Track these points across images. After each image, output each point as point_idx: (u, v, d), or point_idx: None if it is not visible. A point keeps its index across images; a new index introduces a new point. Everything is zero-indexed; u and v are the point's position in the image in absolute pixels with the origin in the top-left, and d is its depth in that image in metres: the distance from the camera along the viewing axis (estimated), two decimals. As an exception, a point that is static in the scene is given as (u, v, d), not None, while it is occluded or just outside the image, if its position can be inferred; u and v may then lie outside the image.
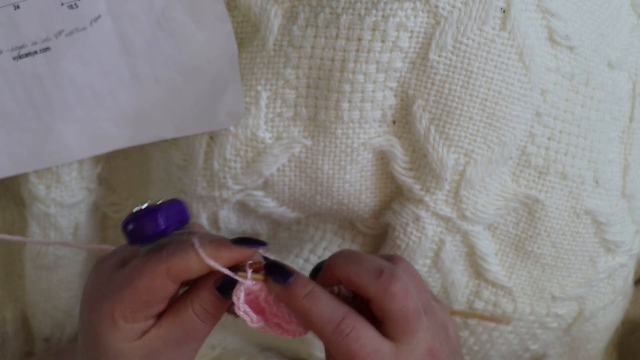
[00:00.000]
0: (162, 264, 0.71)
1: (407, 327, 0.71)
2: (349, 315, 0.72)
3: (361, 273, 0.72)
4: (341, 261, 0.73)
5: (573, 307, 0.93)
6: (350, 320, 0.71)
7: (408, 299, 0.71)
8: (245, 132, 0.86)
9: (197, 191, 0.89)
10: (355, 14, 0.81)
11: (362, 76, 0.82)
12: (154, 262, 0.71)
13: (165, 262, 0.71)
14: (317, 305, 0.72)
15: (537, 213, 0.88)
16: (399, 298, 0.71)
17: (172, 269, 0.71)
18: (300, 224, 0.93)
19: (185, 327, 0.73)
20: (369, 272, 0.72)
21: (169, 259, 0.71)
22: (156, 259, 0.71)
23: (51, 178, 0.91)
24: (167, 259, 0.71)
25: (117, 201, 0.96)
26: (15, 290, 1.00)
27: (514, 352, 0.95)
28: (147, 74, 0.87)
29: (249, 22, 0.85)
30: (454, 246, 0.89)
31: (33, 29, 0.85)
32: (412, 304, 0.71)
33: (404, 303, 0.71)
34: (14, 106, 0.88)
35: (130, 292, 0.71)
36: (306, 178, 0.87)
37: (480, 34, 0.82)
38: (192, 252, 0.71)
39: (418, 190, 0.87)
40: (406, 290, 0.71)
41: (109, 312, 0.71)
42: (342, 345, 0.71)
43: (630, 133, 0.91)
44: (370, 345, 0.71)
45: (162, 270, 0.71)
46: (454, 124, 0.84)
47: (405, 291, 0.71)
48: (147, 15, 0.85)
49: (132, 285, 0.71)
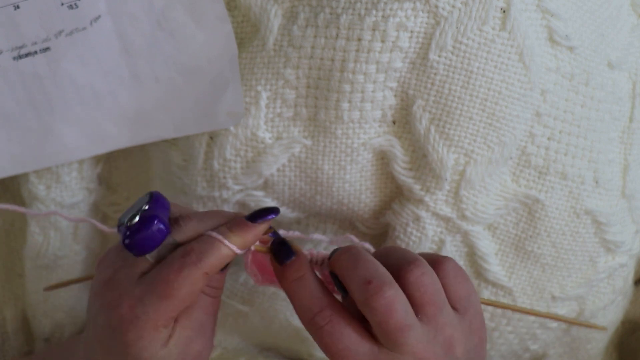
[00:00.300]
0: (199, 270, 0.73)
1: (389, 340, 0.72)
2: (329, 308, 0.74)
3: (351, 277, 0.74)
4: (341, 260, 0.75)
5: (573, 307, 0.93)
6: (328, 314, 0.73)
7: (390, 314, 0.72)
8: (245, 132, 0.86)
9: (197, 191, 0.89)
10: (355, 14, 0.81)
11: (362, 76, 0.82)
12: (191, 269, 0.73)
13: (200, 267, 0.73)
14: (301, 292, 0.74)
15: (537, 213, 0.88)
16: (380, 312, 0.72)
17: (209, 271, 0.74)
18: (300, 224, 0.93)
19: (202, 308, 0.76)
20: (358, 280, 0.73)
21: (202, 263, 0.73)
22: (190, 267, 0.73)
23: (51, 178, 0.91)
24: (201, 263, 0.73)
25: (117, 201, 0.96)
26: (16, 290, 1.00)
27: (514, 352, 0.95)
28: (147, 74, 0.87)
29: (249, 22, 0.85)
30: (454, 246, 0.89)
31: (33, 29, 0.85)
32: (395, 320, 0.72)
33: (384, 318, 0.72)
34: (14, 106, 0.88)
35: (174, 302, 0.73)
36: (306, 178, 0.87)
37: (480, 34, 0.82)
38: (221, 248, 0.74)
39: (418, 190, 0.87)
40: (389, 306, 0.72)
41: (152, 325, 0.73)
42: (316, 336, 0.74)
43: (630, 133, 0.91)
44: (345, 342, 0.72)
45: (200, 275, 0.73)
46: (454, 124, 0.84)
47: (387, 307, 0.72)
48: (147, 15, 0.85)
49: (175, 296, 0.73)
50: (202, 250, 0.73)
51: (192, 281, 0.73)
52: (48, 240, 0.94)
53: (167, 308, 0.73)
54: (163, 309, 0.73)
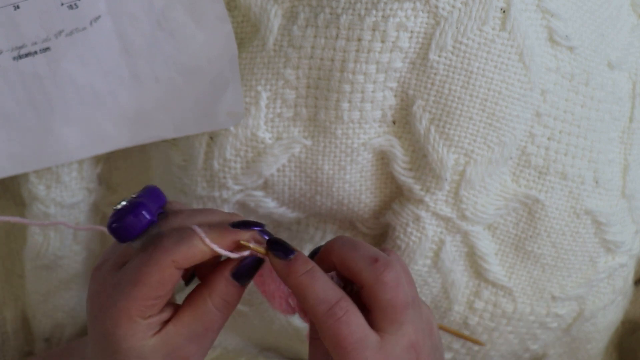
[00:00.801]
0: (168, 256, 0.71)
1: (394, 317, 0.72)
2: (344, 299, 0.72)
3: (356, 259, 0.73)
4: (338, 246, 0.74)
5: (573, 307, 0.93)
6: (344, 304, 0.72)
7: (399, 290, 0.72)
8: (245, 132, 0.86)
9: (197, 191, 0.89)
10: (355, 14, 0.81)
11: (362, 76, 0.82)
12: (160, 255, 0.71)
13: (170, 253, 0.71)
14: (314, 284, 0.73)
15: (537, 213, 0.88)
16: (390, 287, 0.72)
17: (178, 259, 0.71)
18: (300, 224, 0.93)
19: (204, 320, 0.74)
20: (364, 259, 0.73)
21: (173, 250, 0.71)
22: (160, 252, 0.71)
23: (51, 178, 0.91)
24: (172, 250, 0.71)
25: (117, 201, 0.96)
26: (16, 290, 1.00)
27: (514, 352, 0.95)
28: (147, 74, 0.87)
29: (249, 22, 0.85)
30: (454, 246, 0.89)
31: (33, 29, 0.85)
32: (402, 295, 0.72)
33: (394, 293, 0.72)
34: (14, 106, 0.88)
35: (143, 289, 0.71)
36: (306, 178, 0.87)
37: (480, 34, 0.82)
38: (195, 240, 0.72)
39: (418, 190, 0.87)
40: (398, 280, 0.72)
41: (125, 313, 0.72)
42: (332, 327, 0.72)
43: (630, 133, 0.91)
44: (359, 333, 0.72)
45: (169, 262, 0.71)
46: (454, 124, 0.84)
47: (396, 281, 0.72)
48: (147, 15, 0.85)
49: (143, 281, 0.71)
50: (175, 240, 0.72)
51: (159, 268, 0.71)
52: (48, 241, 0.94)
53: (136, 294, 0.71)
54: (132, 296, 0.71)
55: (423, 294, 0.91)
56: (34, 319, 1.00)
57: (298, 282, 0.73)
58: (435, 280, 0.90)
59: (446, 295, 0.91)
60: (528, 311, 0.92)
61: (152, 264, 0.71)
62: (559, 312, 0.93)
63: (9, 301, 1.00)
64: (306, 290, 0.73)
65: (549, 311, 0.92)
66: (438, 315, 0.93)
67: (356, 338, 0.71)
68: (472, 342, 0.90)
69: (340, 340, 0.71)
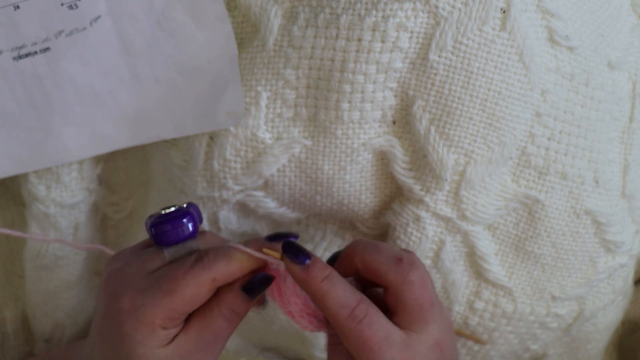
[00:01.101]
0: (208, 273, 0.73)
1: (421, 316, 0.73)
2: (364, 301, 0.73)
3: (381, 260, 0.74)
4: (360, 248, 0.76)
5: (573, 307, 0.93)
6: (365, 306, 0.73)
7: (425, 289, 0.73)
8: (245, 133, 0.86)
9: (197, 191, 0.89)
10: (355, 15, 0.81)
11: (362, 76, 0.82)
12: (200, 271, 0.73)
13: (209, 270, 0.73)
14: (334, 289, 0.73)
15: (537, 213, 0.88)
16: (417, 287, 0.73)
17: (218, 277, 0.73)
18: (301, 225, 0.93)
19: (214, 330, 0.75)
20: (389, 260, 0.74)
21: (213, 267, 0.73)
22: (201, 268, 0.73)
23: (51, 178, 0.91)
24: (212, 267, 0.73)
25: (117, 201, 0.96)
26: (16, 290, 1.00)
27: (514, 352, 0.95)
28: (147, 74, 0.87)
29: (249, 22, 0.85)
30: (454, 246, 0.89)
31: (33, 29, 0.85)
32: (428, 294, 0.73)
33: (421, 292, 0.73)
34: (14, 106, 0.88)
35: (176, 301, 0.72)
36: (306, 178, 0.87)
37: (480, 34, 0.82)
38: (234, 256, 0.74)
39: (418, 190, 0.87)
40: (423, 279, 0.74)
41: (149, 321, 0.73)
42: (355, 330, 0.72)
43: (630, 133, 0.91)
44: (383, 331, 0.72)
45: (208, 279, 0.73)
46: (454, 124, 0.84)
47: (422, 280, 0.74)
48: (147, 15, 0.85)
49: (178, 293, 0.72)
50: (216, 256, 0.74)
51: (198, 283, 0.73)
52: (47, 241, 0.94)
53: (168, 304, 0.73)
54: (163, 305, 0.72)
55: (423, 294, 0.91)
56: (34, 319, 1.00)
57: (318, 289, 0.74)
58: (436, 280, 0.90)
59: (446, 295, 0.91)
60: (528, 311, 0.92)
61: (190, 278, 0.73)
62: (559, 312, 0.93)
63: (9, 301, 1.00)
64: (326, 296, 0.73)
65: (549, 311, 0.92)
66: (438, 315, 0.93)
67: (380, 337, 0.72)
68: (475, 340, 0.90)
69: (364, 342, 0.72)
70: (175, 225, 0.75)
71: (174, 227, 0.75)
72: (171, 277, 0.73)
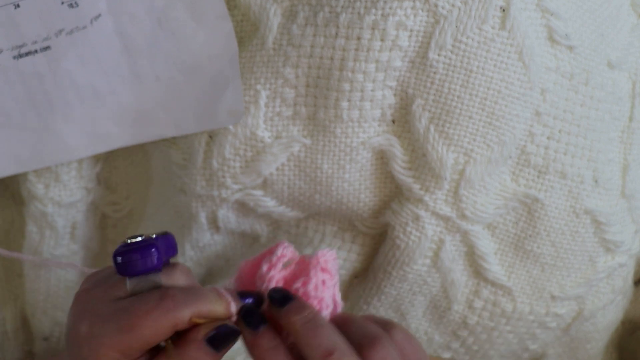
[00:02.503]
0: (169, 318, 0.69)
1: None
2: None
3: (310, 346, 0.69)
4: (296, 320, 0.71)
5: (572, 306, 0.93)
6: None
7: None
8: (244, 131, 0.86)
9: (196, 190, 0.89)
10: (355, 13, 0.81)
11: (361, 75, 0.82)
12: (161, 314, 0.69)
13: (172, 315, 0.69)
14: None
15: (537, 212, 0.88)
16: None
17: (179, 323, 0.69)
18: (300, 227, 0.93)
19: None
20: (319, 349, 0.69)
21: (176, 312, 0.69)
22: (162, 310, 0.69)
23: (50, 177, 0.91)
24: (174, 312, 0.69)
25: (116, 200, 0.96)
26: (15, 289, 1.00)
27: (514, 352, 0.95)
28: (147, 73, 0.87)
29: (249, 21, 0.85)
30: (453, 246, 0.89)
31: (33, 28, 0.85)
32: None
33: None
34: (14, 105, 0.88)
35: (133, 339, 0.69)
36: (305, 177, 0.87)
37: (480, 33, 0.82)
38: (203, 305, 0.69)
39: (417, 189, 0.87)
40: None
41: (104, 352, 0.69)
42: None
43: (630, 133, 0.91)
44: None
45: (168, 324, 0.69)
46: (454, 123, 0.84)
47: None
48: (147, 13, 0.85)
49: (135, 332, 0.69)
50: (181, 300, 0.69)
51: (157, 326, 0.69)
52: (44, 240, 0.94)
53: (122, 341, 0.69)
54: (117, 340, 0.69)
55: (422, 293, 0.91)
56: (33, 317, 1.00)
57: (261, 357, 0.70)
58: (435, 279, 0.90)
59: (445, 294, 0.91)
60: (527, 311, 0.92)
61: (150, 319, 0.69)
62: (559, 311, 0.92)
63: (8, 300, 1.00)
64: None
65: (548, 311, 0.92)
66: (437, 314, 0.92)
67: None
68: None
69: None
70: (135, 256, 0.71)
71: (134, 259, 0.71)
72: (130, 314, 0.69)
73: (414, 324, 0.93)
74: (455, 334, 0.93)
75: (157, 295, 0.70)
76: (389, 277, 0.90)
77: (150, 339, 0.69)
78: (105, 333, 0.70)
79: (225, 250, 0.94)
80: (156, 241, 0.72)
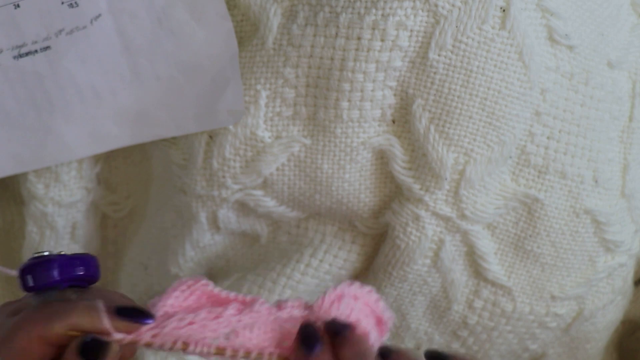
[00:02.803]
0: (33, 328, 0.67)
1: None
2: None
3: None
4: None
5: (572, 306, 0.93)
6: None
7: None
8: (244, 131, 0.86)
9: (196, 190, 0.89)
10: (355, 13, 0.81)
11: (361, 75, 0.83)
12: (29, 324, 0.67)
13: (37, 326, 0.67)
14: None
15: (537, 212, 0.88)
16: None
17: (45, 334, 0.67)
18: (300, 228, 0.92)
19: None
20: None
21: (46, 323, 0.67)
22: (31, 321, 0.67)
23: (50, 177, 0.91)
24: (45, 322, 0.67)
25: (116, 200, 0.96)
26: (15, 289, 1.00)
27: (513, 352, 0.95)
28: (147, 73, 0.87)
29: (249, 21, 0.85)
30: (453, 246, 0.89)
31: (33, 28, 0.85)
32: None
33: None
34: (14, 105, 0.88)
35: (7, 350, 0.68)
36: (305, 177, 0.87)
37: (480, 33, 0.82)
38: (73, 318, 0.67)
39: (417, 189, 0.87)
40: None
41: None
42: None
43: (630, 132, 0.91)
44: None
45: (34, 334, 0.67)
46: (454, 123, 0.84)
47: None
48: (147, 13, 0.85)
49: (10, 344, 0.68)
50: (51, 313, 0.67)
51: (27, 338, 0.67)
52: (44, 239, 0.94)
53: (4, 353, 0.68)
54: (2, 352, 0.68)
55: (422, 293, 0.91)
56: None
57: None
58: (435, 279, 0.90)
59: (445, 294, 0.91)
60: (527, 310, 0.91)
61: (21, 330, 0.68)
62: (558, 311, 0.92)
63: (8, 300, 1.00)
64: None
65: (548, 311, 0.92)
66: (437, 314, 0.92)
67: None
68: None
69: None
70: (35, 271, 0.70)
71: (34, 274, 0.70)
72: (11, 325, 0.68)
73: (414, 324, 0.93)
74: (455, 334, 0.93)
75: (32, 309, 0.69)
76: (389, 277, 0.90)
77: (22, 354, 0.67)
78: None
79: (226, 250, 0.94)
80: (61, 258, 0.71)
